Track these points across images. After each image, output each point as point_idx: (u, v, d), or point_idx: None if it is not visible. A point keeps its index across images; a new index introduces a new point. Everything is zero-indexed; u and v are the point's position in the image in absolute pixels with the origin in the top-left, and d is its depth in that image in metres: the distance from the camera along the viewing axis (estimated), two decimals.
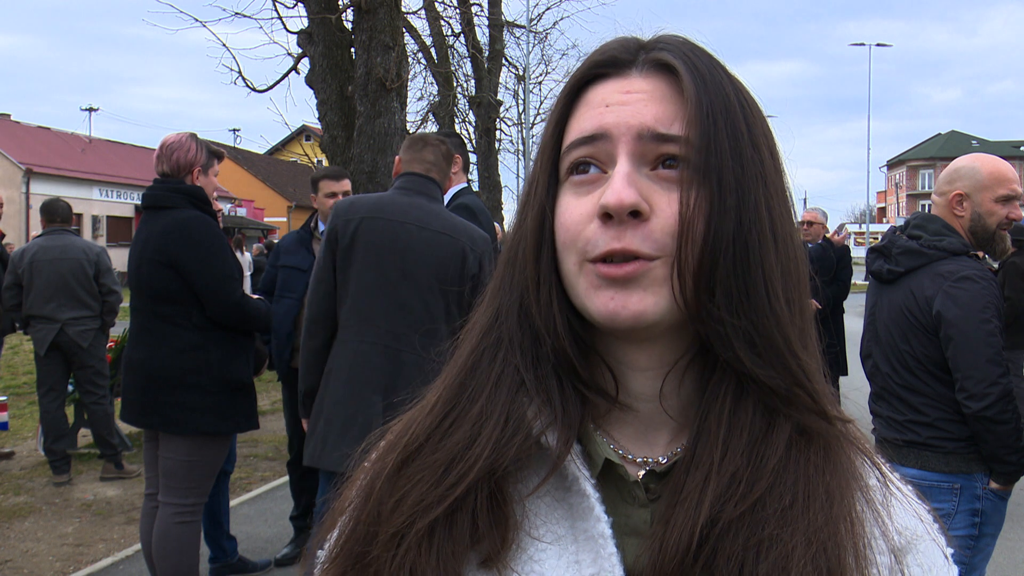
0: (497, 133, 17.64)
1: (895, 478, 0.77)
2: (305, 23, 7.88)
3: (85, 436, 7.06)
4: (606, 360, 0.75)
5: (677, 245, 0.68)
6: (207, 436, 3.50)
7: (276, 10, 8.44)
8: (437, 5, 14.41)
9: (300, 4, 7.98)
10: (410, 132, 10.03)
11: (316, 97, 7.72)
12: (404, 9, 8.43)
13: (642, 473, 0.74)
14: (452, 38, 15.68)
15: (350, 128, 7.37)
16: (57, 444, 6.30)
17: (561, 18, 28.72)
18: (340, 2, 7.81)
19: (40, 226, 6.44)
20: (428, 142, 3.35)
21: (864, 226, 50.33)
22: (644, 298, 0.69)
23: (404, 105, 7.82)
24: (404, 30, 8.35)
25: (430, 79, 16.31)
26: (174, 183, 3.52)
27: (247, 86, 8.86)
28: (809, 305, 0.75)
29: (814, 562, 0.64)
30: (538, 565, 0.70)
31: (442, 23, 15.13)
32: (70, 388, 6.54)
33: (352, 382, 3.09)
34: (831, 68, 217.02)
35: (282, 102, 65.54)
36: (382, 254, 3.10)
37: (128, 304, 3.77)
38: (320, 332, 3.19)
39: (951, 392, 2.76)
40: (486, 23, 15.98)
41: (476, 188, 14.13)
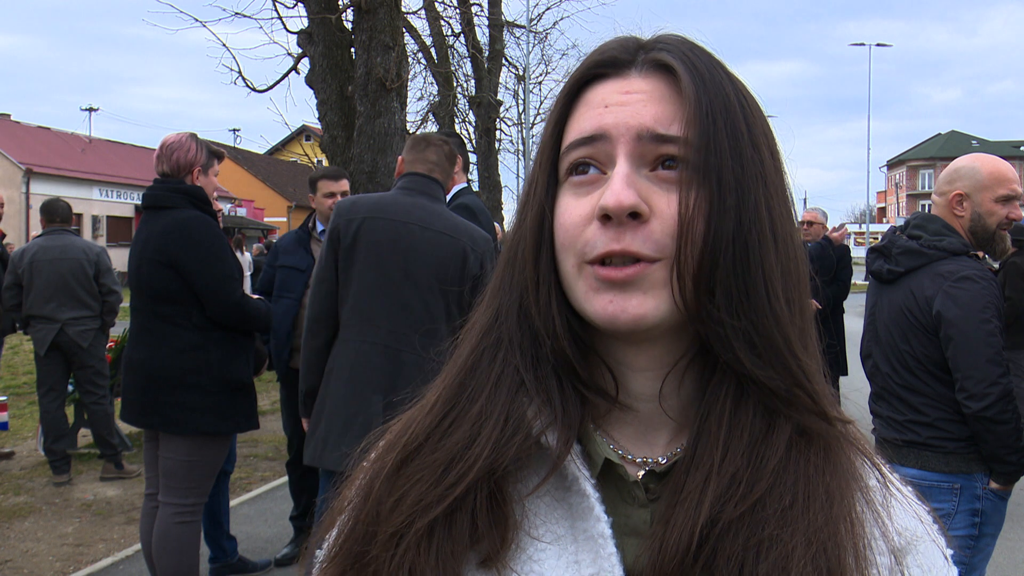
0: (497, 133, 17.65)
1: (895, 479, 0.77)
2: (305, 23, 7.88)
3: (85, 436, 7.05)
4: (606, 361, 0.74)
5: (677, 246, 0.67)
6: (207, 436, 3.50)
7: (276, 10, 8.44)
8: (437, 5, 14.42)
9: (300, 4, 7.98)
10: (410, 132, 10.04)
11: (316, 97, 7.72)
12: (404, 9, 8.43)
13: (642, 473, 0.73)
14: (452, 38, 15.68)
15: (350, 128, 7.37)
16: (57, 444, 6.30)
17: (561, 18, 28.78)
18: (340, 2, 7.81)
19: (40, 226, 6.44)
20: (431, 142, 3.35)
21: (864, 226, 50.31)
22: (644, 301, 0.68)
23: (404, 105, 7.82)
24: (404, 30, 8.35)
25: (430, 79, 16.32)
26: (174, 183, 3.52)
27: (247, 86, 8.86)
28: (809, 305, 0.75)
29: (814, 562, 0.64)
30: (537, 565, 0.70)
31: (442, 23, 15.13)
32: (70, 388, 6.54)
33: (353, 382, 3.09)
34: (831, 68, 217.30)
35: (282, 102, 65.60)
36: (384, 254, 3.10)
37: (128, 304, 3.77)
38: (322, 331, 3.19)
39: (951, 392, 2.76)
40: (486, 23, 15.98)
41: (476, 188, 14.13)
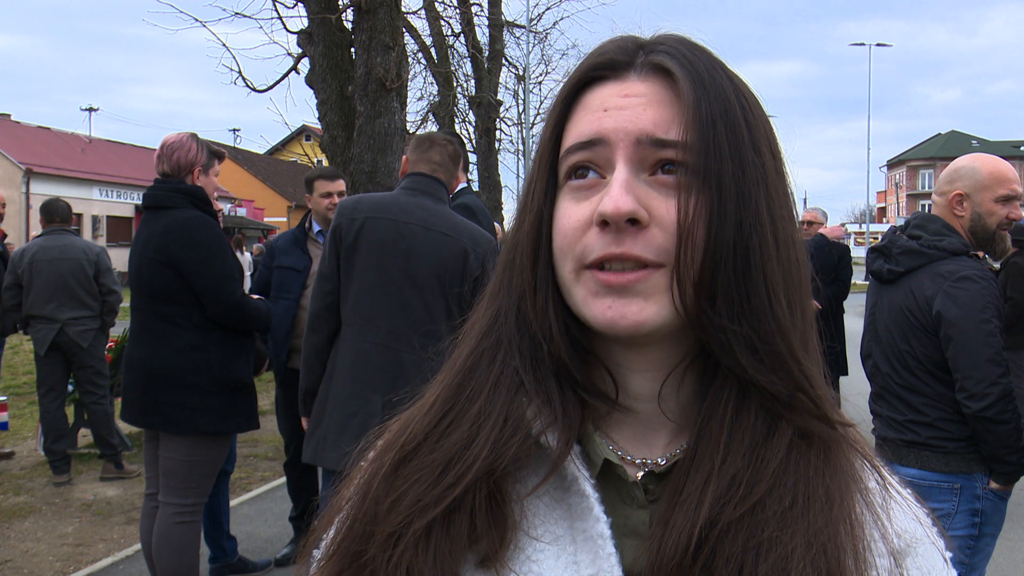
0: (497, 133, 17.63)
1: (894, 481, 0.77)
2: (305, 23, 7.87)
3: (85, 436, 7.05)
4: (605, 363, 0.74)
5: (677, 252, 0.67)
6: (207, 436, 3.50)
7: (276, 10, 8.43)
8: (437, 5, 14.41)
9: (300, 4, 7.97)
10: (410, 132, 10.03)
11: (316, 97, 7.71)
12: (404, 9, 8.43)
13: (641, 474, 0.73)
14: (452, 38, 15.67)
15: (350, 128, 7.36)
16: (57, 444, 6.30)
17: (561, 18, 28.76)
18: (340, 2, 7.80)
19: (40, 226, 6.44)
20: (435, 142, 3.35)
21: (864, 226, 50.32)
22: (644, 307, 0.68)
23: (404, 105, 7.81)
24: (404, 30, 8.34)
25: (430, 79, 16.31)
26: (175, 183, 3.52)
27: (247, 86, 8.85)
28: (811, 308, 0.74)
29: (814, 564, 0.64)
30: (536, 565, 0.70)
31: (442, 23, 15.13)
32: (70, 388, 6.54)
33: (354, 381, 3.10)
34: (831, 68, 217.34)
35: (282, 102, 65.59)
36: (385, 254, 3.10)
37: (128, 304, 3.77)
38: (323, 328, 3.19)
39: (951, 392, 2.76)
40: (486, 23, 15.97)
41: (476, 188, 14.13)
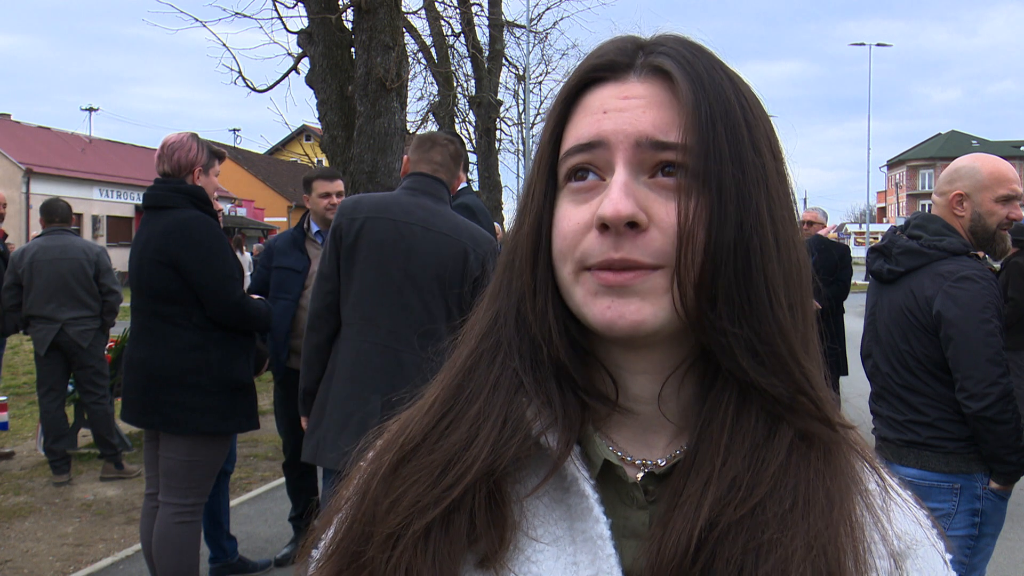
0: (497, 133, 17.62)
1: (894, 483, 0.76)
2: (305, 23, 7.87)
3: (85, 436, 7.05)
4: (605, 364, 0.74)
5: (677, 255, 0.66)
6: (207, 436, 3.51)
7: (276, 10, 8.43)
8: (437, 5, 14.41)
9: (300, 4, 7.97)
10: (410, 132, 10.02)
11: (316, 97, 7.71)
12: (404, 9, 8.42)
13: (641, 475, 0.73)
14: (452, 38, 15.67)
15: (350, 128, 7.36)
16: (57, 444, 6.30)
17: (561, 18, 28.82)
18: (340, 2, 7.80)
19: (40, 226, 6.44)
20: (436, 142, 3.34)
21: (864, 226, 50.32)
22: (642, 308, 0.68)
23: (404, 105, 7.81)
24: (404, 30, 8.34)
25: (430, 79, 16.30)
26: (175, 183, 3.52)
27: (247, 86, 8.85)
28: (812, 310, 0.74)
29: (814, 566, 0.63)
30: (535, 566, 0.69)
31: (442, 23, 15.12)
32: (70, 388, 6.54)
33: (353, 381, 3.10)
34: (831, 68, 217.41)
35: (282, 102, 65.57)
36: (385, 254, 3.10)
37: (129, 304, 3.77)
38: (323, 328, 3.19)
39: (951, 392, 2.76)
40: (486, 23, 15.97)
41: (476, 188, 14.13)
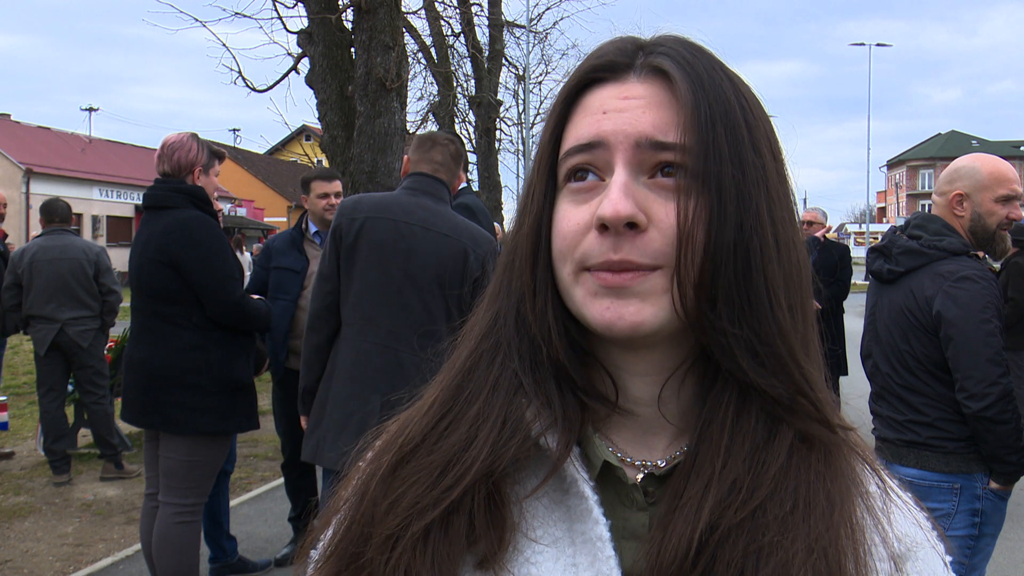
0: (497, 133, 17.60)
1: (895, 485, 0.76)
2: (305, 23, 7.86)
3: (85, 436, 7.05)
4: (605, 365, 0.74)
5: (676, 255, 0.66)
6: (207, 436, 3.51)
7: (276, 10, 8.42)
8: (437, 5, 14.39)
9: (300, 4, 7.96)
10: (410, 132, 10.02)
11: (316, 97, 7.70)
12: (404, 9, 8.42)
13: (641, 476, 0.73)
14: (452, 38, 15.66)
15: (350, 128, 7.36)
16: (57, 444, 6.30)
17: (561, 18, 28.74)
18: (340, 2, 7.80)
19: (40, 226, 6.44)
20: (437, 142, 3.34)
21: (864, 226, 50.33)
22: (642, 308, 0.67)
23: (404, 105, 7.80)
24: (404, 30, 8.33)
25: (430, 79, 16.29)
26: (175, 183, 3.52)
27: (247, 86, 8.84)
28: (812, 311, 0.74)
29: (814, 569, 0.63)
30: (535, 568, 0.69)
31: (442, 23, 15.11)
32: (70, 388, 6.54)
33: (353, 381, 3.10)
34: (831, 68, 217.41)
35: (282, 102, 65.52)
36: (385, 254, 3.10)
37: (128, 304, 3.78)
38: (323, 328, 3.19)
39: (951, 392, 2.76)
40: (486, 23, 15.95)
41: (476, 188, 14.13)
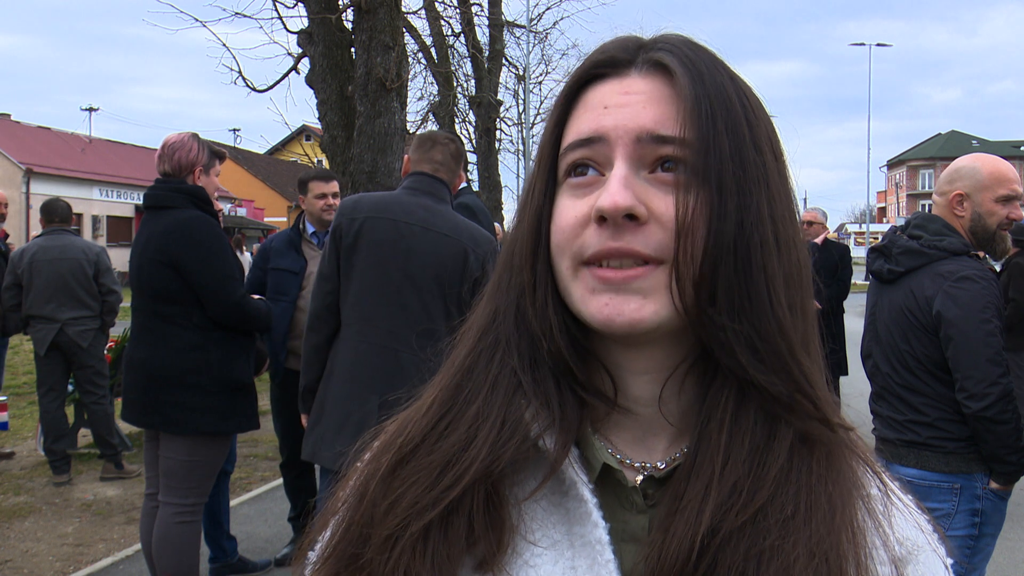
0: (497, 133, 17.60)
1: (895, 487, 0.76)
2: (305, 23, 7.86)
3: (85, 436, 7.05)
4: (604, 364, 0.73)
5: (675, 250, 0.66)
6: (207, 436, 3.51)
7: (276, 10, 8.41)
8: (437, 5, 14.39)
9: (300, 4, 7.96)
10: (410, 132, 10.02)
11: (316, 97, 7.70)
12: (404, 9, 8.41)
13: (640, 478, 0.72)
14: (452, 38, 15.66)
15: (350, 128, 7.36)
16: (57, 444, 6.30)
17: (561, 18, 28.67)
18: (340, 2, 7.79)
19: (40, 226, 6.44)
20: (437, 141, 3.34)
21: (864, 226, 50.34)
22: (642, 305, 0.67)
23: (404, 105, 7.80)
24: (404, 30, 8.33)
25: (430, 79, 16.29)
26: (176, 183, 3.52)
27: (247, 86, 8.83)
28: (812, 310, 0.73)
29: (816, 573, 0.63)
30: (534, 570, 0.69)
31: (442, 23, 15.11)
32: (70, 388, 6.54)
33: (352, 381, 3.10)
34: (831, 68, 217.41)
35: (282, 102, 65.48)
36: (384, 254, 3.10)
37: (129, 304, 3.78)
38: (323, 328, 3.20)
39: (951, 392, 2.76)
40: (486, 23, 15.96)
41: (476, 188, 14.13)
